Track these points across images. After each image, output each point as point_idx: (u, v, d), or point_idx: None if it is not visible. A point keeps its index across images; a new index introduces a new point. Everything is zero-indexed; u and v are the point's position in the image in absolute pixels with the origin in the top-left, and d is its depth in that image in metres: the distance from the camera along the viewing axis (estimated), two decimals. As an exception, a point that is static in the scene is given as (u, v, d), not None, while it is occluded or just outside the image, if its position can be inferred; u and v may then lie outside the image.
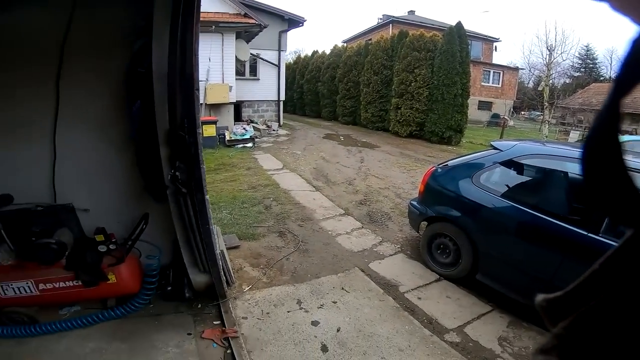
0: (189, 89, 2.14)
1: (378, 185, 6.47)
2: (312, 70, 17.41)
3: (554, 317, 0.36)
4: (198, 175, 2.28)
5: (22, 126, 2.38)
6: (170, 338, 2.38)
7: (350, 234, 4.31)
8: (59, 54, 2.33)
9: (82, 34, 2.36)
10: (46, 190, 2.52)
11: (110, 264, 2.45)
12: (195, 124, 2.17)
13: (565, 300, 0.36)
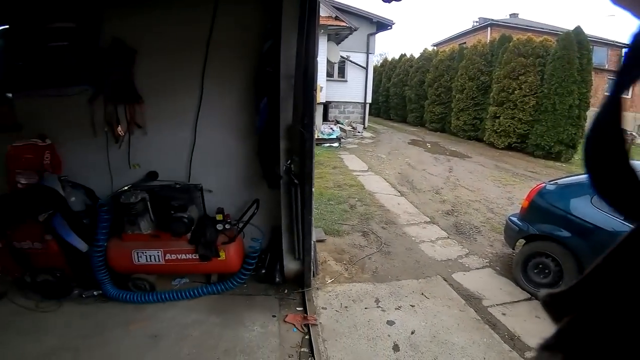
0: (310, 89, 2.32)
1: (468, 197, 6.07)
2: (400, 74, 17.04)
3: (558, 312, 0.34)
4: (309, 168, 2.45)
5: (179, 114, 2.84)
6: (257, 318, 2.58)
7: (434, 243, 4.18)
8: (204, 54, 2.72)
9: (221, 35, 2.70)
10: (183, 171, 2.98)
11: (223, 242, 2.75)
12: (313, 122, 2.35)
13: (569, 295, 0.34)
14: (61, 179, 2.64)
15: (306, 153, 2.41)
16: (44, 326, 2.45)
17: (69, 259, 2.75)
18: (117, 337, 2.37)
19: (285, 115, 2.45)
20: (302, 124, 2.35)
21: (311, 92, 2.32)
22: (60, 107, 2.80)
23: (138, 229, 2.63)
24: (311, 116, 2.35)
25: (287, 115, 2.44)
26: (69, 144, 2.84)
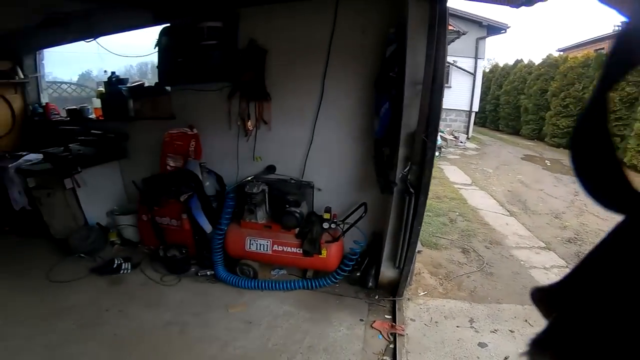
0: (438, 97, 2.20)
1: (597, 225, 5.05)
2: (514, 81, 15.11)
3: (548, 308, 0.34)
4: (427, 179, 2.34)
5: (300, 113, 3.01)
6: (344, 319, 2.58)
7: (548, 270, 3.63)
8: (326, 56, 2.81)
9: (342, 39, 2.75)
10: (297, 167, 3.15)
11: (326, 240, 2.81)
12: (437, 131, 2.22)
13: (558, 290, 0.35)
14: (200, 164, 3.06)
15: (426, 163, 2.30)
16: (163, 300, 2.78)
17: (194, 238, 3.15)
18: (218, 318, 2.57)
19: (407, 122, 2.36)
20: (426, 132, 2.24)
21: (439, 101, 2.20)
22: (204, 101, 3.22)
23: (255, 218, 2.87)
24: (436, 126, 2.24)
25: (409, 122, 2.36)
26: (208, 134, 3.26)
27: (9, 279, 2.98)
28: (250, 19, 2.95)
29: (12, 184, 3.40)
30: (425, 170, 2.33)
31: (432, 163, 2.32)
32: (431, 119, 2.23)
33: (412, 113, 2.33)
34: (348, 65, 2.77)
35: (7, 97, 4.04)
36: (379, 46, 2.63)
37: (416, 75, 2.28)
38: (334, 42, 2.75)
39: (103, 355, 2.20)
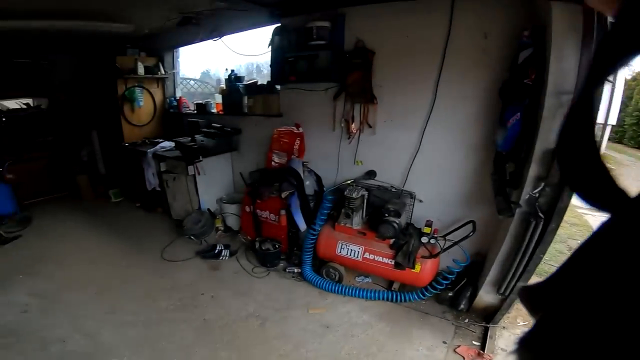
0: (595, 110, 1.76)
1: None
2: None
3: (535, 306, 0.35)
4: (565, 204, 1.96)
5: (407, 118, 2.84)
6: (425, 338, 2.40)
7: None
8: (440, 59, 2.57)
9: (459, 42, 2.49)
10: (399, 175, 2.98)
11: (423, 255, 2.61)
12: None
13: (545, 289, 0.35)
14: (303, 163, 3.14)
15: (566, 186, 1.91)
16: (251, 291, 2.90)
17: (288, 235, 3.26)
18: (296, 317, 2.59)
19: (545, 137, 1.99)
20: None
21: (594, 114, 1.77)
22: (310, 101, 3.28)
23: (350, 223, 2.81)
24: None
25: (548, 136, 1.98)
26: (312, 133, 3.32)
27: (131, 253, 3.50)
28: (357, 20, 2.89)
29: (148, 167, 4.04)
30: (564, 194, 1.94)
31: None
32: None
33: (551, 127, 1.96)
34: (466, 70, 2.51)
35: (151, 90, 4.78)
36: (504, 50, 2.32)
37: (562, 84, 1.91)
38: (449, 45, 2.52)
39: (189, 338, 2.36)
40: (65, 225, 4.20)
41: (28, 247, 3.61)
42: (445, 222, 2.83)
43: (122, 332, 2.39)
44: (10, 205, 4.14)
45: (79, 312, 2.59)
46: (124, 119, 4.61)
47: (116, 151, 4.82)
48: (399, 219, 2.63)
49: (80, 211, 4.68)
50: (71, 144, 5.37)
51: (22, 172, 4.65)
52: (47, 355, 2.17)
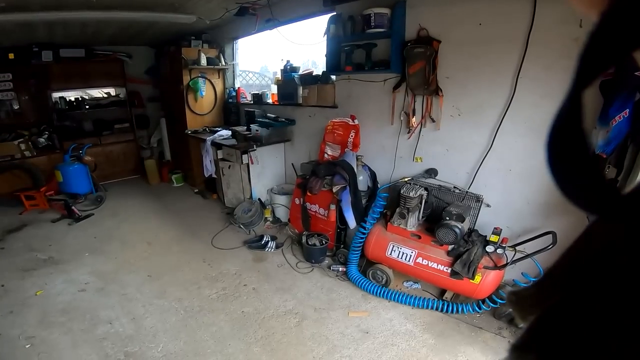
0: None
1: None
2: None
3: (525, 310, 0.35)
4: None
5: (478, 114, 2.53)
6: (474, 356, 2.17)
7: None
8: (521, 51, 2.22)
9: (543, 32, 2.13)
10: (464, 176, 2.67)
11: (485, 265, 2.30)
12: None
13: (535, 292, 0.35)
14: (357, 157, 2.97)
15: None
16: (292, 287, 2.84)
17: (336, 231, 3.13)
18: (335, 319, 2.47)
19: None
20: None
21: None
22: (367, 92, 3.11)
23: (405, 224, 2.58)
24: None
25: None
26: (368, 126, 3.13)
27: (186, 239, 3.65)
28: (419, 6, 2.65)
29: (207, 154, 4.18)
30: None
31: None
32: None
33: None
34: (553, 63, 2.13)
35: (212, 80, 4.99)
36: None
37: None
38: (533, 33, 2.16)
39: (226, 329, 2.36)
40: (132, 207, 4.56)
41: (98, 226, 3.97)
42: (516, 231, 2.49)
43: (165, 318, 2.45)
44: (87, 185, 4.59)
45: (131, 294, 2.73)
46: (187, 108, 4.88)
47: (180, 138, 5.12)
48: (461, 223, 2.33)
49: (146, 194, 5.07)
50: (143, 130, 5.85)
51: (100, 155, 5.21)
52: (92, 336, 2.29)
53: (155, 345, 2.20)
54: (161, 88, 5.69)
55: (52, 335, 2.28)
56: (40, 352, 2.14)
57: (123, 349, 2.17)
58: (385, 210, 2.83)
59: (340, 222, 3.07)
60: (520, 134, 2.35)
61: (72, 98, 5.33)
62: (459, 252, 2.37)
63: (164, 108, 5.68)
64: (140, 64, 5.64)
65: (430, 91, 2.65)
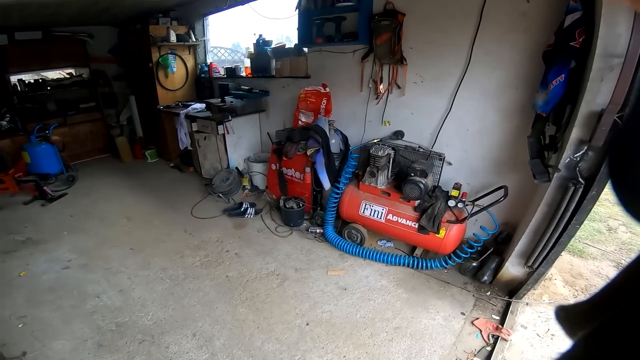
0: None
1: None
2: None
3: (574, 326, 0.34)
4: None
5: (439, 80, 2.74)
6: (443, 309, 2.37)
7: None
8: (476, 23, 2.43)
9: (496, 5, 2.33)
10: (428, 137, 2.90)
11: (448, 220, 2.53)
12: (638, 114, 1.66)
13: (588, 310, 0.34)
14: (329, 122, 3.13)
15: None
16: (273, 250, 2.98)
17: (312, 194, 3.29)
18: (315, 278, 2.63)
19: (591, 99, 1.85)
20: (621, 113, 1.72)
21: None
22: (338, 63, 3.24)
23: (375, 182, 2.77)
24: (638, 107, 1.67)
25: (593, 99, 1.85)
26: (339, 94, 3.29)
27: (166, 211, 3.70)
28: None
29: (181, 127, 4.19)
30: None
31: None
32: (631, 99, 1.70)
33: (599, 89, 1.82)
34: (503, 34, 2.35)
35: (183, 57, 4.93)
36: (547, 14, 2.16)
37: (613, 47, 1.76)
38: (486, 9, 2.36)
39: (212, 294, 2.47)
40: (106, 185, 4.50)
41: (73, 205, 3.92)
42: (475, 187, 2.76)
43: (151, 287, 2.54)
44: (57, 165, 4.47)
45: (115, 268, 2.78)
46: (158, 84, 4.81)
47: (152, 114, 5.06)
48: (425, 179, 2.55)
49: (120, 171, 5.00)
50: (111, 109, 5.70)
51: (67, 135, 5.07)
52: (82, 311, 2.32)
53: (144, 314, 2.28)
54: (128, 66, 5.53)
55: (43, 313, 2.31)
56: (34, 330, 2.16)
57: (114, 320, 2.23)
58: (357, 170, 3.01)
59: (315, 185, 3.23)
60: (475, 98, 2.58)
61: (32, 80, 5.11)
62: (424, 207, 2.58)
63: (132, 86, 5.54)
64: (103, 43, 5.44)
65: (396, 60, 2.83)
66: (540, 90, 2.18)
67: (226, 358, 1.98)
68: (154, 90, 4.82)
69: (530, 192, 2.43)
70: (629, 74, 1.73)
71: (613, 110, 1.77)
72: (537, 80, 2.19)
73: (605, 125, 1.81)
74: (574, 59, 1.97)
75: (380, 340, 2.12)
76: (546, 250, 2.21)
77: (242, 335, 2.13)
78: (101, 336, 2.13)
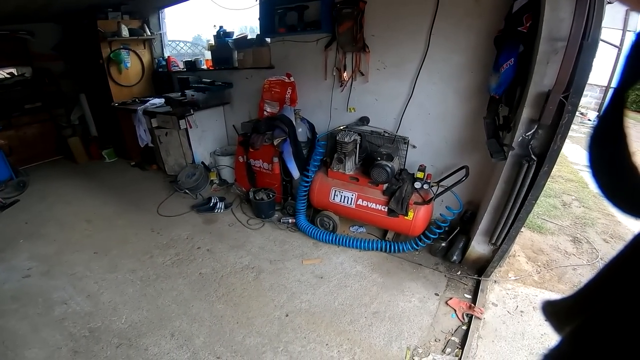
0: (589, 55, 1.77)
1: None
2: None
3: (562, 322, 0.34)
4: (558, 145, 1.95)
5: (400, 66, 2.80)
6: (418, 290, 2.45)
7: None
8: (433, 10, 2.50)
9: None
10: (392, 122, 2.97)
11: (416, 201, 2.61)
12: (580, 93, 1.83)
13: (574, 304, 0.34)
14: (295, 111, 3.11)
15: (561, 128, 1.91)
16: (246, 243, 2.95)
17: (282, 184, 3.27)
18: (291, 269, 2.63)
19: (539, 80, 1.98)
20: (566, 92, 1.85)
21: (589, 60, 1.78)
22: (302, 52, 3.23)
23: (343, 168, 2.80)
24: (581, 87, 1.83)
25: (542, 80, 1.97)
26: (304, 83, 3.28)
27: (130, 212, 3.53)
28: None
29: (139, 124, 3.99)
30: (557, 136, 1.94)
31: (568, 128, 1.91)
32: (575, 78, 1.83)
33: (546, 71, 1.94)
34: (459, 20, 2.45)
35: (138, 51, 4.67)
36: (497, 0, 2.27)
37: (557, 31, 1.88)
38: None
39: (186, 292, 2.41)
40: (62, 188, 4.21)
41: (27, 211, 3.64)
42: (439, 168, 2.88)
43: (121, 290, 2.45)
44: (5, 170, 4.11)
45: (80, 273, 2.64)
46: (111, 80, 4.54)
47: (107, 112, 4.77)
48: (391, 163, 2.61)
49: (75, 173, 4.69)
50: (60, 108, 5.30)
51: (14, 139, 4.68)
52: (50, 318, 2.22)
53: (117, 318, 2.20)
54: (75, 63, 5.16)
55: (9, 322, 2.20)
56: (3, 340, 2.06)
57: (86, 326, 2.15)
58: (325, 157, 3.03)
59: (285, 175, 3.21)
60: (435, 82, 2.67)
61: (-33, 82, 4.64)
62: (392, 190, 2.65)
63: (82, 83, 5.18)
64: (46, 40, 5.03)
65: (359, 48, 2.85)
66: (493, 74, 2.28)
67: (209, 355, 1.95)
68: (107, 87, 4.54)
69: (490, 171, 2.57)
70: (571, 56, 1.84)
71: (559, 90, 1.90)
72: (491, 64, 2.30)
73: (552, 104, 1.93)
74: (522, 44, 2.07)
75: (360, 325, 2.16)
76: (507, 227, 2.34)
77: (222, 332, 2.10)
78: (75, 343, 2.04)
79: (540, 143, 2.03)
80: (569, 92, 1.85)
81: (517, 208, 2.22)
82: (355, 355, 1.96)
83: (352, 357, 1.96)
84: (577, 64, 1.82)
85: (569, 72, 1.85)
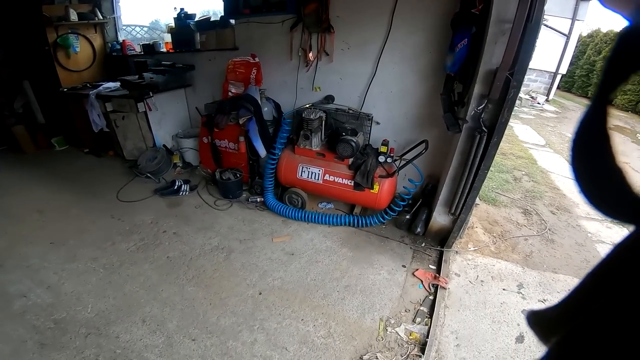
0: (532, 37, 1.95)
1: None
2: (617, 48, 12.74)
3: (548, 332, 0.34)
4: (505, 119, 2.14)
5: (363, 46, 2.89)
6: (386, 263, 2.53)
7: None
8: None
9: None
10: (356, 100, 3.07)
11: (380, 175, 2.71)
12: (524, 71, 2.01)
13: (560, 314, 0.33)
14: (260, 91, 3.09)
15: (507, 102, 2.09)
16: (214, 224, 2.92)
17: (249, 163, 3.24)
18: (261, 247, 2.64)
19: (488, 59, 2.15)
20: (511, 70, 2.02)
21: (532, 41, 1.96)
22: (267, 33, 3.22)
23: (309, 145, 2.84)
24: (524, 65, 2.01)
25: (491, 59, 2.14)
26: (269, 64, 3.28)
27: (86, 200, 3.33)
28: None
29: (92, 108, 3.76)
30: (504, 109, 2.11)
31: (513, 103, 2.09)
32: (520, 57, 2.00)
33: (495, 50, 2.11)
34: (417, 3, 2.58)
35: (88, 36, 4.38)
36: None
37: (504, 14, 2.04)
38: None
39: (154, 277, 2.34)
40: (8, 179, 3.86)
41: (-29, 206, 3.30)
42: (401, 143, 3.02)
43: (84, 279, 2.33)
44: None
45: (37, 265, 2.47)
46: (59, 66, 4.22)
47: (55, 98, 4.43)
48: (356, 137, 2.70)
49: (22, 163, 4.31)
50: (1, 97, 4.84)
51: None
52: (10, 313, 2.07)
53: (83, 308, 2.10)
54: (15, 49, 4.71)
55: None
56: None
57: (50, 318, 2.03)
58: (291, 135, 3.05)
59: (251, 154, 3.19)
60: (396, 62, 2.79)
61: None
62: (357, 164, 2.73)
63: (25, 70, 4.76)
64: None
65: (324, 29, 2.90)
66: (449, 53, 2.42)
67: (184, 338, 1.92)
68: (54, 73, 4.22)
69: (447, 144, 2.74)
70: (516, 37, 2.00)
71: (504, 68, 2.07)
72: (447, 44, 2.44)
73: (499, 80, 2.11)
74: (474, 25, 2.22)
75: (334, 299, 2.21)
76: (464, 196, 2.51)
77: (196, 314, 2.07)
78: (40, 335, 1.92)
79: (490, 116, 2.20)
80: (514, 69, 2.03)
81: (472, 177, 2.39)
82: (331, 328, 2.01)
83: (328, 330, 2.00)
84: (521, 44, 1.98)
85: (514, 51, 2.02)
